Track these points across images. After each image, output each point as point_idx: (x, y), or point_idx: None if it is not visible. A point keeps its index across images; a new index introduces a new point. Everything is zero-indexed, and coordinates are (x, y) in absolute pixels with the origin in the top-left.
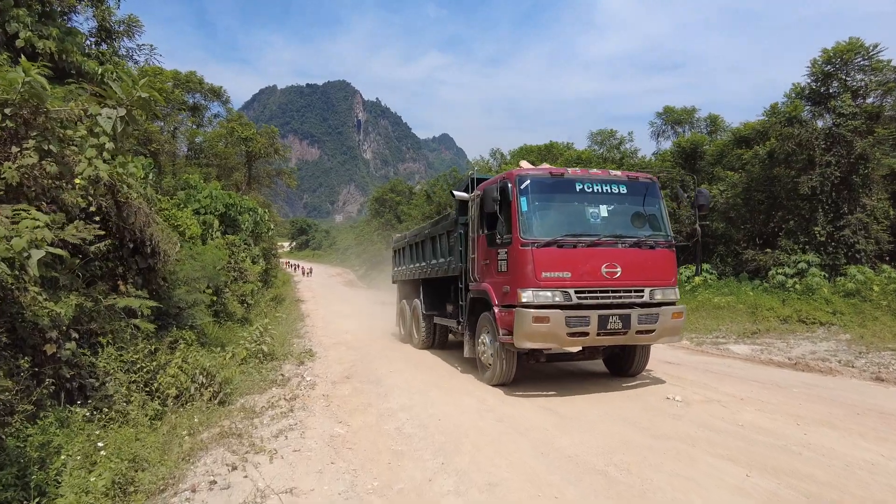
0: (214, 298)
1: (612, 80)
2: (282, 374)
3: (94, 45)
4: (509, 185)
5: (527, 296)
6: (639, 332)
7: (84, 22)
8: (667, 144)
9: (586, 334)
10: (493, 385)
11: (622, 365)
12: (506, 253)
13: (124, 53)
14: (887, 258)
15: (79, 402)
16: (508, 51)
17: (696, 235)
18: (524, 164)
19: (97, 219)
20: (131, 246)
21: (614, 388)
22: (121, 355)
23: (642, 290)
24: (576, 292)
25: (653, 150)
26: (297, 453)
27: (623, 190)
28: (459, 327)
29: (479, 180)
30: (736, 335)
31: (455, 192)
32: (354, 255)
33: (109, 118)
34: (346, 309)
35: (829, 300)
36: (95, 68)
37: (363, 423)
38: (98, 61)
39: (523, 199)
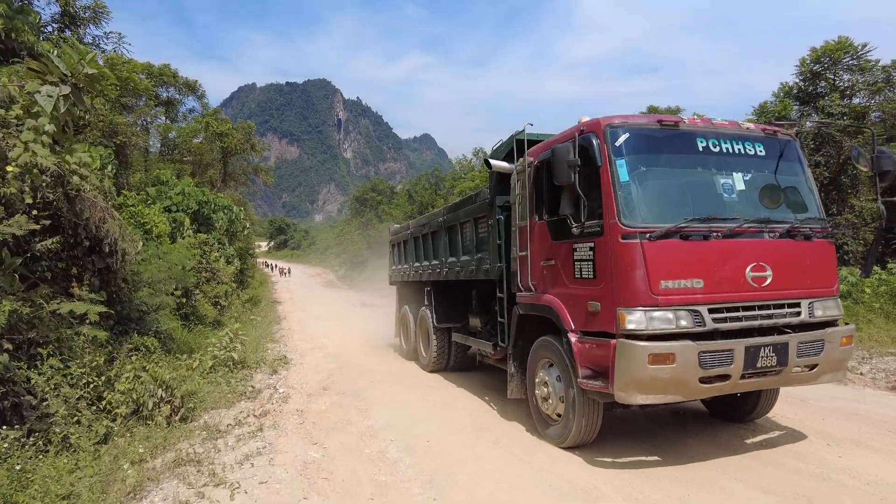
0: (183, 301)
1: (592, 82)
2: (252, 386)
3: (56, 31)
4: (595, 140)
5: (635, 319)
6: (797, 368)
7: (46, 6)
8: None
9: (727, 378)
10: (565, 447)
11: (735, 405)
12: (590, 249)
13: (90, 41)
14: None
15: (15, 425)
16: (489, 52)
17: (881, 216)
18: (585, 118)
19: (45, 213)
20: (87, 244)
21: (731, 445)
22: (66, 367)
23: (798, 304)
24: (710, 311)
25: None
26: (264, 486)
27: (760, 151)
28: (495, 352)
29: (532, 142)
30: None
31: (491, 161)
32: (334, 255)
33: (50, 97)
34: (325, 311)
35: None
36: (50, 49)
37: (341, 446)
38: (56, 46)
39: (621, 163)
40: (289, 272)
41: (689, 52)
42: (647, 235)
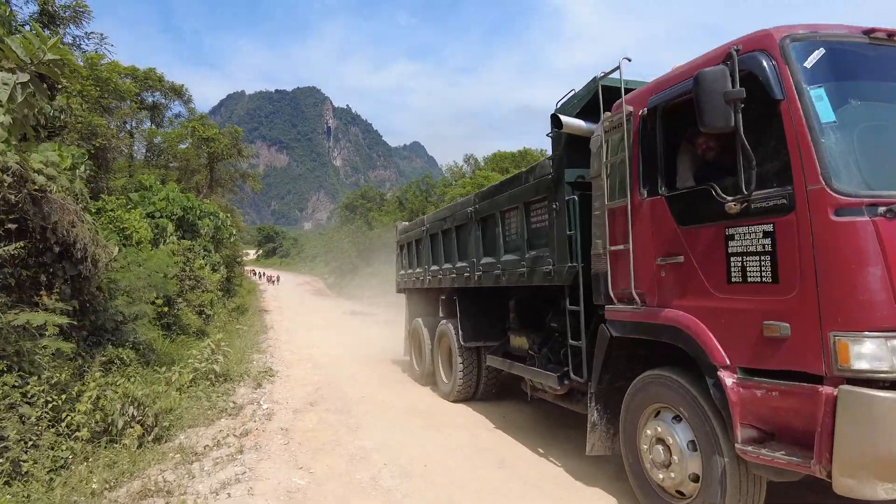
0: (165, 310)
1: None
2: (234, 402)
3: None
4: (768, 61)
5: (869, 352)
6: None
7: (24, 5)
8: None
9: None
10: None
11: None
12: (764, 235)
13: (70, 41)
14: None
15: None
16: (478, 60)
17: None
18: (678, 65)
19: (11, 216)
20: (56, 249)
21: None
22: (25, 384)
23: None
24: None
25: None
26: None
27: None
28: (560, 386)
29: (628, 90)
30: None
31: (562, 118)
32: (323, 263)
33: (6, 84)
34: (313, 320)
35: None
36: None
37: (329, 470)
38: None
39: (819, 94)
40: (277, 280)
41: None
42: (883, 210)
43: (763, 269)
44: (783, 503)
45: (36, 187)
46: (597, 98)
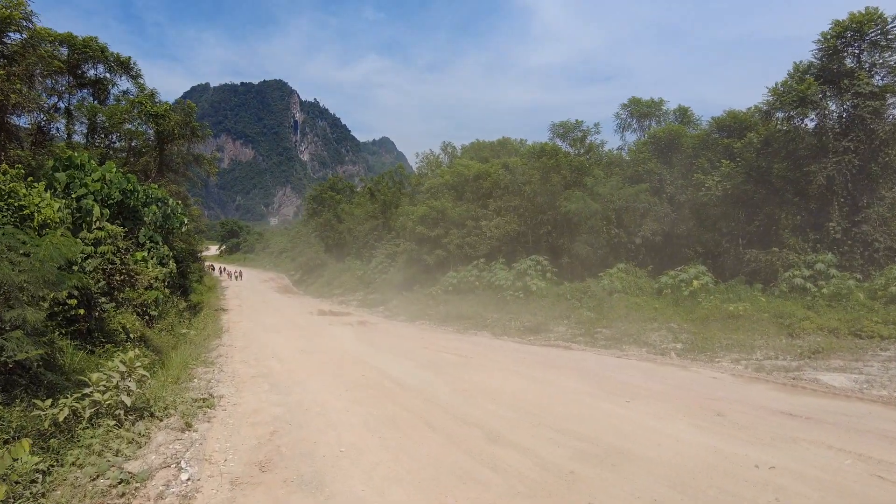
0: (81, 312)
1: (548, 90)
2: (131, 473)
3: None
4: None
5: None
6: None
7: None
8: (632, 138)
9: None
10: None
11: None
12: None
13: None
14: None
15: None
16: (447, 58)
17: None
18: None
19: None
20: None
21: None
22: None
23: None
24: None
25: (617, 143)
26: None
27: None
28: None
29: None
30: (790, 355)
31: None
32: (289, 258)
33: None
34: (276, 321)
35: (869, 307)
36: None
37: None
38: None
39: None
40: (240, 275)
41: (641, 62)
42: None
43: None
44: None
45: None
46: None
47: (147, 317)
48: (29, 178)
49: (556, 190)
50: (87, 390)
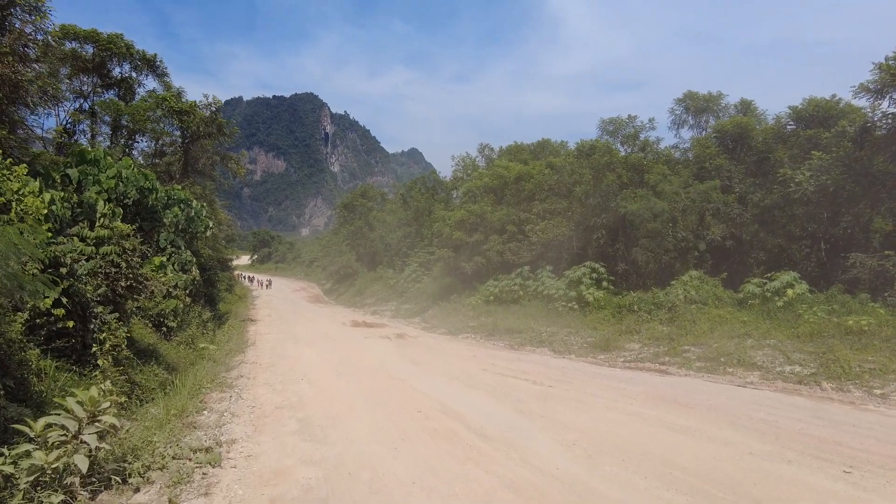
0: (70, 325)
1: (576, 97)
2: None
3: None
4: None
5: None
6: None
7: None
8: (687, 135)
9: None
10: None
11: None
12: None
13: None
14: None
15: None
16: (473, 68)
17: None
18: None
19: None
20: None
21: None
22: None
23: None
24: None
25: (671, 141)
26: None
27: None
28: None
29: None
30: None
31: None
32: (320, 267)
33: None
34: (307, 332)
35: None
36: None
37: None
38: None
39: None
40: (269, 284)
41: (671, 68)
42: None
43: None
44: None
45: None
46: None
47: (165, 328)
48: (19, 165)
49: (611, 190)
50: (27, 447)
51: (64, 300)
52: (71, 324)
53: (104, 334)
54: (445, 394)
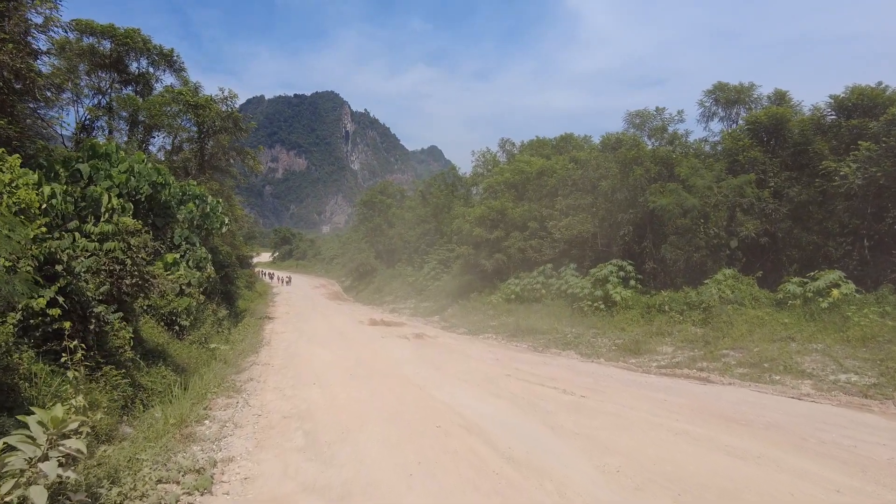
0: (67, 325)
1: (596, 95)
2: None
3: None
4: None
5: None
6: None
7: None
8: (717, 127)
9: None
10: None
11: None
12: None
13: None
14: None
15: None
16: (493, 66)
17: None
18: None
19: None
20: None
21: None
22: None
23: None
24: None
25: (700, 134)
26: None
27: None
28: None
29: None
30: None
31: None
32: (340, 264)
33: None
34: (323, 331)
35: None
36: None
37: None
38: None
39: None
40: (289, 280)
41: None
42: None
43: None
44: None
45: None
46: None
47: (177, 327)
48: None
49: (639, 184)
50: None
51: (60, 299)
52: (67, 324)
53: (89, 336)
54: (467, 404)
